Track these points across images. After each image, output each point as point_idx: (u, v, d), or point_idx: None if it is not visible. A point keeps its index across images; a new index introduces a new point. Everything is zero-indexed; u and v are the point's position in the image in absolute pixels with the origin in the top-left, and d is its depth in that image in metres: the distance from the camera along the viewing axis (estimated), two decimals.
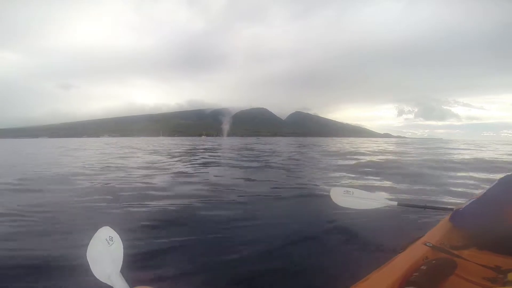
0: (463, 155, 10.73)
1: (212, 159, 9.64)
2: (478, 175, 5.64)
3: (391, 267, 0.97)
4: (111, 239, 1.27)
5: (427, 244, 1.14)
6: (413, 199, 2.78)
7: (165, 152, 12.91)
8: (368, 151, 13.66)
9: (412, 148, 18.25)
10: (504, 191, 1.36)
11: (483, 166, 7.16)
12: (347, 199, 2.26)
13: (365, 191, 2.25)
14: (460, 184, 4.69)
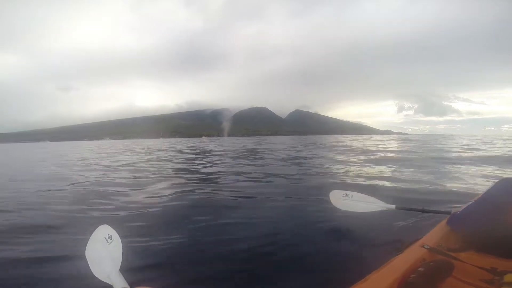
0: (466, 152, 10.63)
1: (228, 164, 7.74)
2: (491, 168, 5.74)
3: (389, 269, 0.98)
4: (110, 237, 1.27)
5: (425, 246, 1.14)
6: (411, 201, 2.79)
7: (178, 156, 11.85)
8: (379, 149, 12.98)
9: (416, 144, 17.82)
10: (501, 194, 1.36)
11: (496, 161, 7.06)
12: (346, 202, 2.26)
13: (364, 194, 2.26)
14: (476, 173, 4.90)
